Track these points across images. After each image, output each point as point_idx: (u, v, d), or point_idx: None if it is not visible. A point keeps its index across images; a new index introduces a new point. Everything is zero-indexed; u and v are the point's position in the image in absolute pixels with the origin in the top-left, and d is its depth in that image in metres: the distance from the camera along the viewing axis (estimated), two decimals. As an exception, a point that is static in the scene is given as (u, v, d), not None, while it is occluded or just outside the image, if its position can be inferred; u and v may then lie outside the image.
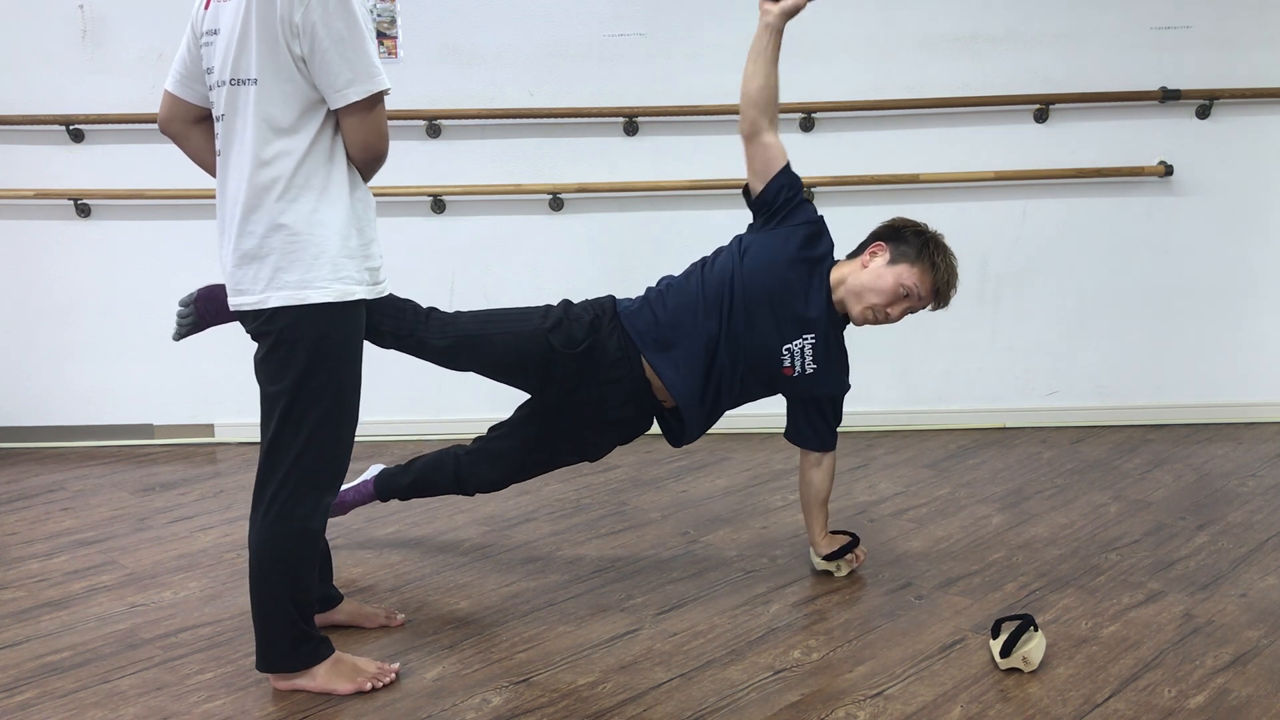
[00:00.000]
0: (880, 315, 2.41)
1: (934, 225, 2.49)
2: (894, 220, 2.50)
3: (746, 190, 2.53)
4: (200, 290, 2.24)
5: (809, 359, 2.43)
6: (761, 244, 2.45)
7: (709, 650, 2.26)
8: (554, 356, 2.36)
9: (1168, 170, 3.76)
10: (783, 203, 2.46)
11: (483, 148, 3.77)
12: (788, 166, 2.47)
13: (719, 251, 2.52)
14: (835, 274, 2.45)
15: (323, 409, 1.95)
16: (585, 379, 2.40)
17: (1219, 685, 2.08)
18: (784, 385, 2.49)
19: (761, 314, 2.40)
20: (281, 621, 2.03)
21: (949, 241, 2.46)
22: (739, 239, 2.51)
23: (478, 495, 2.62)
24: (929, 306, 2.46)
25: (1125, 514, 3.04)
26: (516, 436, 2.57)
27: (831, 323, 2.45)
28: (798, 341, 2.42)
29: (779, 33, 2.44)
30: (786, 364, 2.43)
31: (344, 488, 2.74)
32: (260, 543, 1.99)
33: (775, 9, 2.41)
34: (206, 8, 1.94)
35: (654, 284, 2.54)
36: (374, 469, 2.76)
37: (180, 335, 2.28)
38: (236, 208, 1.92)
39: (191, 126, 2.06)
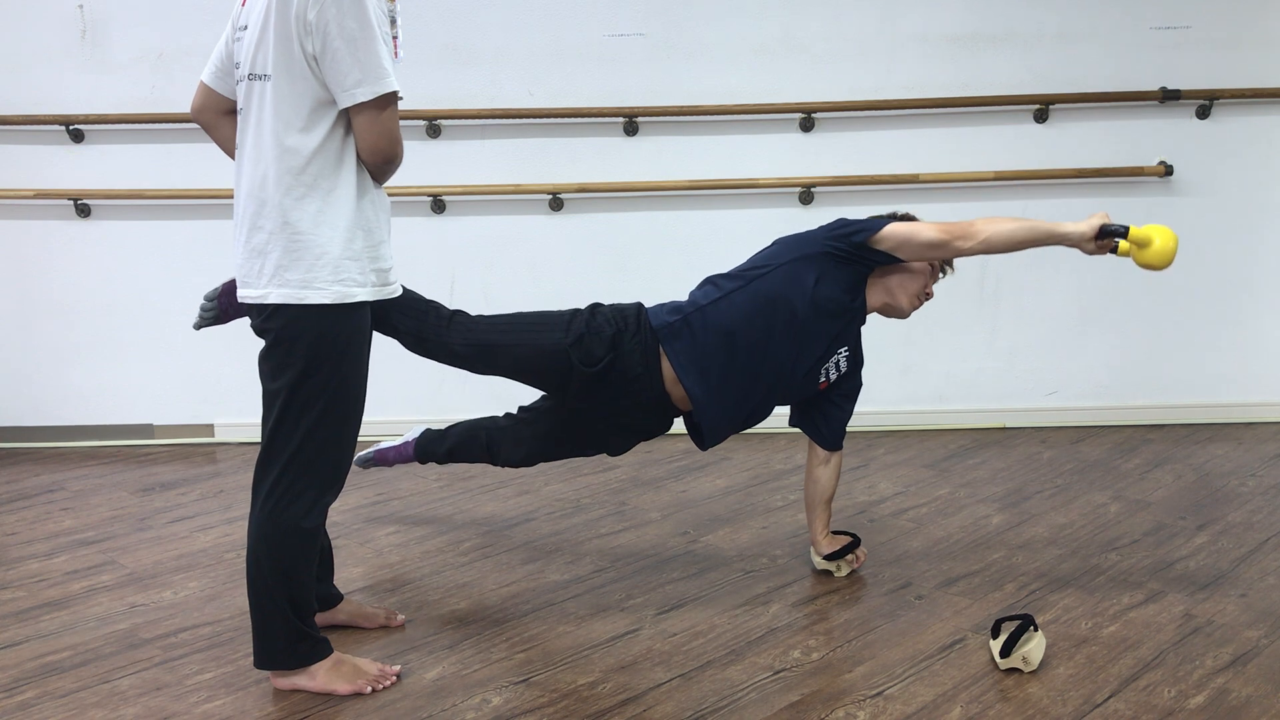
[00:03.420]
0: (924, 295, 2.47)
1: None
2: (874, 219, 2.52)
3: (860, 230, 2.36)
4: (225, 284, 2.26)
5: (842, 367, 2.49)
6: (834, 280, 2.38)
7: (709, 650, 2.26)
8: (570, 371, 2.35)
9: (1168, 170, 3.76)
10: (863, 259, 2.39)
11: (483, 148, 3.77)
12: (894, 255, 2.38)
13: (770, 268, 2.39)
14: None
15: (320, 408, 1.95)
16: (602, 394, 2.39)
17: (1219, 685, 2.08)
18: (813, 395, 2.54)
19: (817, 343, 2.40)
20: (277, 619, 2.03)
21: None
22: (804, 263, 2.38)
23: (509, 468, 2.82)
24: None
25: (1125, 514, 3.04)
26: (540, 425, 2.61)
27: (859, 327, 2.51)
28: (834, 358, 2.46)
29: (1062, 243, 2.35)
30: (822, 380, 2.48)
31: (385, 445, 2.88)
32: (256, 541, 2.00)
33: (1094, 247, 2.33)
34: (244, 4, 1.96)
35: (693, 291, 2.48)
36: (416, 430, 2.85)
37: (200, 326, 2.30)
38: (250, 202, 1.93)
39: (221, 118, 2.10)
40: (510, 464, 2.69)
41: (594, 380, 2.36)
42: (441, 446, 2.76)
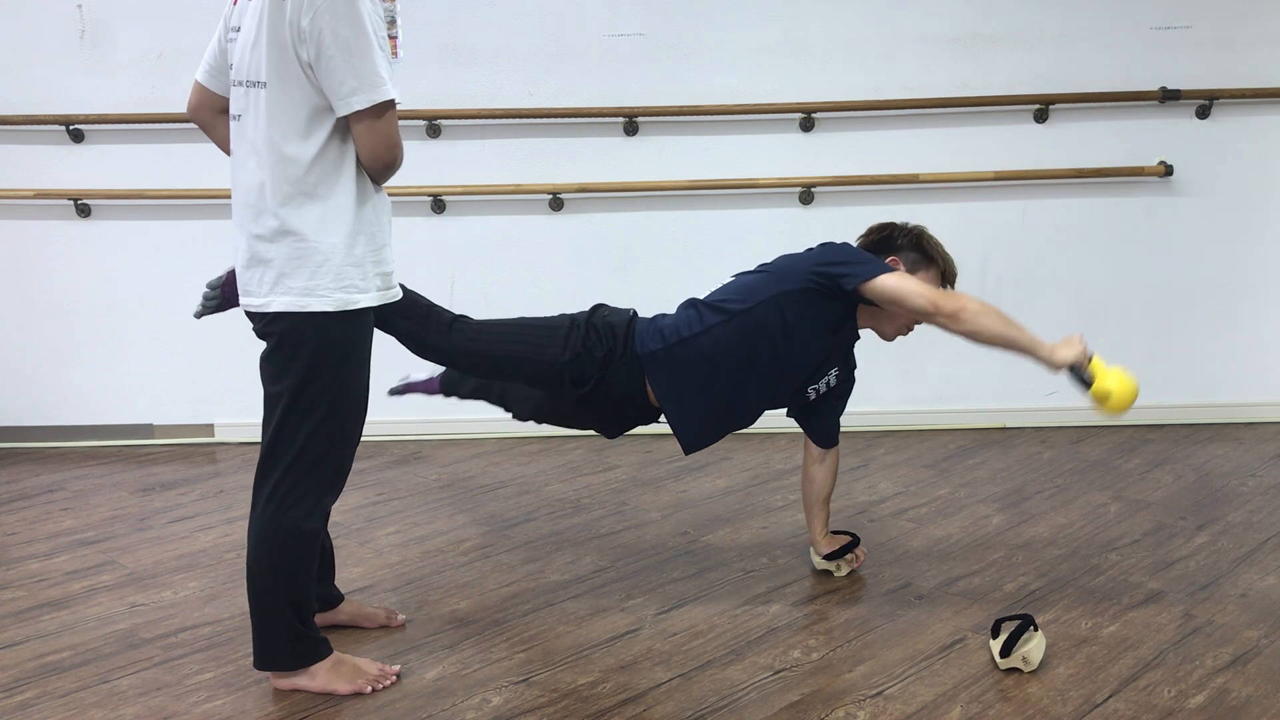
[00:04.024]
0: (913, 326, 2.44)
1: (934, 226, 2.50)
2: (881, 233, 2.47)
3: (848, 274, 2.28)
4: (229, 272, 2.25)
5: (832, 382, 2.49)
6: (817, 316, 2.34)
7: (709, 650, 2.26)
8: (563, 388, 2.38)
9: (1168, 170, 3.76)
10: (847, 299, 2.34)
11: (483, 148, 3.77)
12: (876, 303, 2.32)
13: (753, 303, 2.34)
14: None
15: (322, 412, 1.95)
16: (593, 403, 2.42)
17: (1219, 685, 2.08)
18: (802, 405, 2.55)
19: (802, 370, 2.40)
20: (277, 621, 2.03)
21: (944, 242, 2.51)
22: (786, 298, 2.32)
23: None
24: None
25: (1125, 514, 3.04)
26: (540, 394, 2.60)
27: (851, 344, 2.50)
28: (824, 378, 2.46)
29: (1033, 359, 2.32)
30: (812, 398, 2.49)
31: (415, 377, 2.87)
32: (256, 543, 2.00)
33: (1060, 363, 2.34)
34: (235, 4, 1.95)
35: (678, 309, 2.45)
36: None
37: (202, 314, 2.30)
38: (248, 210, 1.92)
39: (218, 116, 2.09)
40: (520, 418, 2.72)
41: (584, 397, 2.38)
42: (465, 387, 2.79)
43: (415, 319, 2.37)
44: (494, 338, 2.41)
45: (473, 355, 2.40)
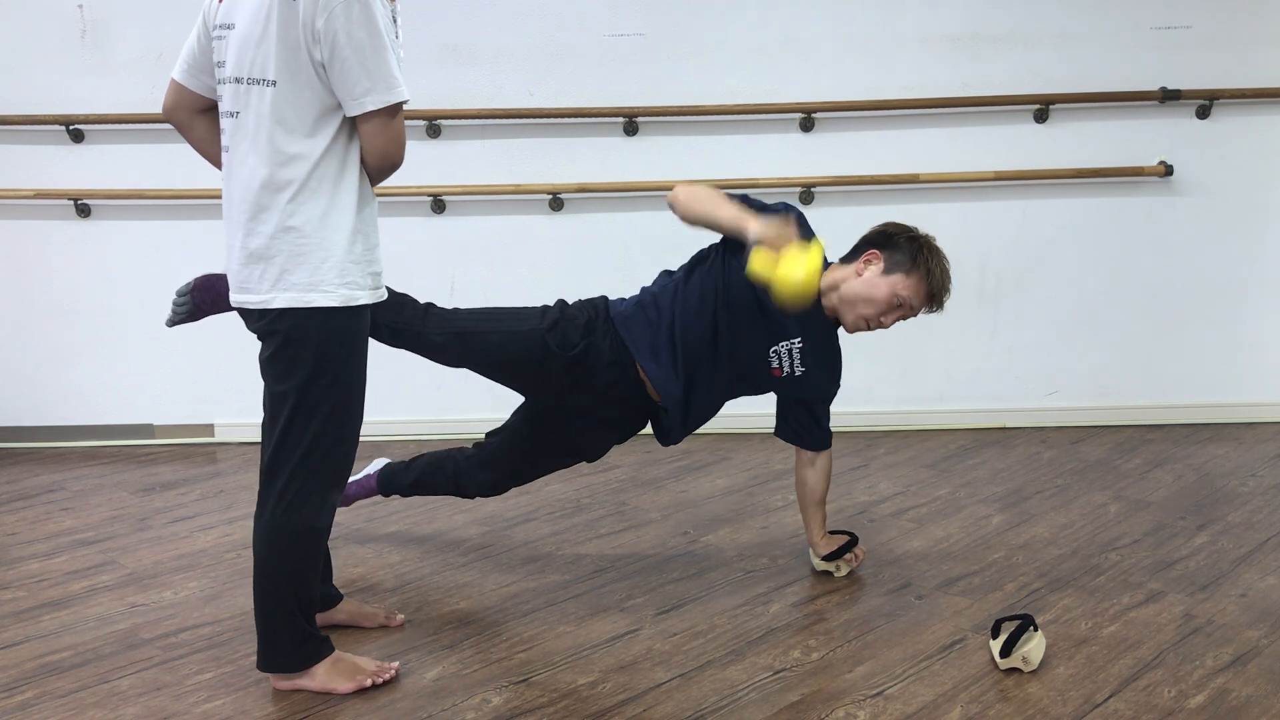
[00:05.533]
0: (874, 324, 2.39)
1: (934, 226, 2.49)
2: (886, 225, 2.45)
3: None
4: (197, 280, 2.25)
5: (797, 361, 2.44)
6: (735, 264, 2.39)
7: (709, 650, 2.26)
8: (549, 357, 2.36)
9: (1168, 170, 3.76)
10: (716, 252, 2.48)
11: (483, 148, 3.77)
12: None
13: (698, 265, 2.46)
14: (828, 278, 2.40)
15: (328, 409, 1.95)
16: (580, 383, 2.40)
17: (1219, 685, 2.08)
18: (772, 385, 2.51)
19: (749, 319, 2.39)
20: (284, 620, 2.03)
21: (944, 242, 2.46)
22: (723, 258, 2.43)
23: (479, 497, 2.69)
24: (924, 311, 2.43)
25: (1125, 514, 3.04)
26: (511, 440, 2.59)
27: (822, 328, 2.45)
28: (785, 344, 2.42)
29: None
30: (774, 365, 2.44)
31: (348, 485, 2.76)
32: (265, 541, 2.00)
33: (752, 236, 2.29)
34: (220, 1, 1.94)
35: (649, 283, 2.54)
36: (378, 463, 2.79)
37: (173, 323, 2.29)
38: (244, 206, 1.91)
39: (196, 116, 2.07)
40: (481, 492, 2.65)
41: (571, 365, 2.36)
42: (406, 478, 2.71)
43: (389, 309, 2.35)
44: (469, 316, 2.42)
45: (449, 334, 2.38)
